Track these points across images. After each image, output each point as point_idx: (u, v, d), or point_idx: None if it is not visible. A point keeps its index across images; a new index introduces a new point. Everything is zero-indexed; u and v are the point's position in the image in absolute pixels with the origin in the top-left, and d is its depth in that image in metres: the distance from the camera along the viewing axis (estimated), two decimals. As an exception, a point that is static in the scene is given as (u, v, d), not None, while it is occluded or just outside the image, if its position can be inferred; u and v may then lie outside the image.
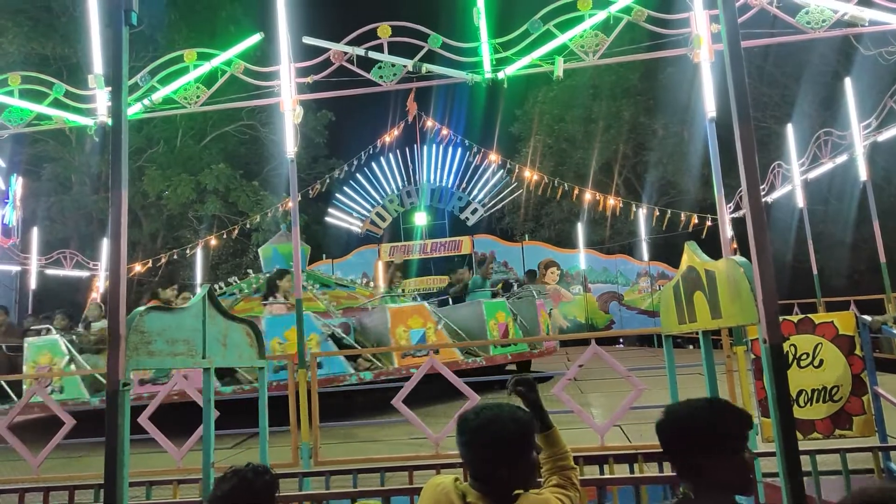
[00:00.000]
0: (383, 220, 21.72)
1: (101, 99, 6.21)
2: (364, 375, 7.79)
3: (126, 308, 2.81)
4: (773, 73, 19.45)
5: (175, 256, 19.51)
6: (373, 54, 5.87)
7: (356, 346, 8.33)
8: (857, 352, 4.34)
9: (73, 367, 8.31)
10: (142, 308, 3.00)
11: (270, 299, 8.73)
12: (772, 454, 4.27)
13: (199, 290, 4.06)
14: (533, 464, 2.16)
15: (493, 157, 20.97)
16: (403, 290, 12.81)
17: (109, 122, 6.12)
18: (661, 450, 2.18)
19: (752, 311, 2.29)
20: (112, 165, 2.83)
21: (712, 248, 3.80)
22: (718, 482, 1.93)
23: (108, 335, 2.73)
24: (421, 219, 21.85)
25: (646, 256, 19.59)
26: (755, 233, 2.27)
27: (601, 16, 5.62)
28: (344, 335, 8.44)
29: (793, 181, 12.29)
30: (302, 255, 11.31)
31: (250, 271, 12.42)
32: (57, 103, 6.43)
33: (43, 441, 5.79)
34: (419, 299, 10.41)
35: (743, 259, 2.45)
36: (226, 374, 7.86)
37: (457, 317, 9.24)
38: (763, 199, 3.07)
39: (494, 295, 10.52)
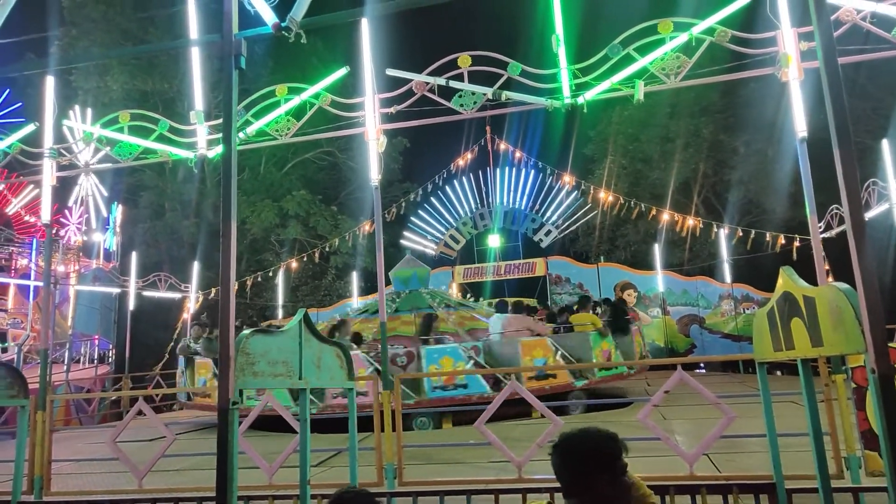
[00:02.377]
0: (457, 242, 21.93)
1: (201, 133, 6.64)
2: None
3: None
4: (865, 85, 18.54)
5: (259, 279, 20.35)
6: (454, 83, 6.02)
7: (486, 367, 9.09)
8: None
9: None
10: (248, 331, 3.19)
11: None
12: (882, 489, 4.06)
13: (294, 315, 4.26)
14: (624, 488, 2.20)
15: (567, 179, 20.86)
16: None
17: (209, 154, 6.54)
18: (756, 481, 2.20)
19: (858, 340, 2.23)
20: (223, 199, 3.06)
21: (803, 270, 3.66)
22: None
23: (220, 357, 2.94)
24: (494, 241, 21.93)
25: (728, 278, 18.87)
26: (859, 259, 2.22)
27: (682, 38, 5.58)
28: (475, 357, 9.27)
29: (890, 199, 11.63)
30: (420, 277, 12.87)
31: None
32: (160, 137, 6.92)
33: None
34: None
35: (846, 286, 2.38)
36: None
37: (567, 345, 9.77)
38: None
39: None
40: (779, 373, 14.24)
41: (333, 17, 3.51)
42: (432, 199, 22.03)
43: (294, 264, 21.72)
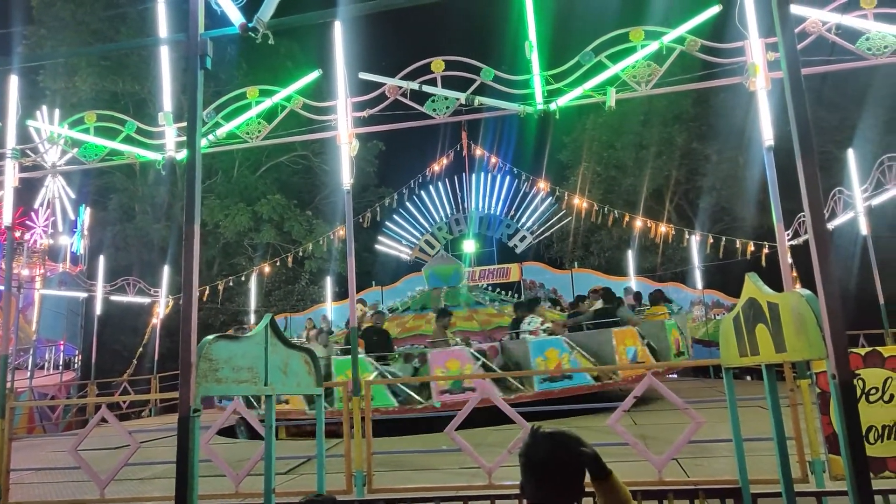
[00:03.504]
0: (432, 247, 21.88)
1: (170, 135, 6.53)
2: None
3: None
4: (831, 96, 18.94)
5: (231, 283, 20.06)
6: (427, 88, 6.01)
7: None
8: (931, 387, 4.15)
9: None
10: (211, 337, 3.11)
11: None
12: (843, 493, 4.11)
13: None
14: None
15: (542, 185, 20.98)
16: None
17: (177, 157, 6.43)
18: (722, 485, 2.15)
19: (820, 346, 2.24)
20: (186, 201, 2.99)
21: (771, 276, 3.70)
22: None
23: (181, 363, 2.87)
24: (469, 246, 21.94)
25: (699, 284, 19.11)
26: (821, 267, 2.24)
27: (653, 46, 5.64)
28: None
29: (855, 208, 11.87)
30: (456, 274, 13.42)
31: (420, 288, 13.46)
32: (127, 139, 6.79)
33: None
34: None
35: (808, 292, 2.40)
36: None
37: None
38: (826, 230, 3.00)
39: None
40: (748, 378, 14.43)
41: (302, 19, 3.46)
42: (407, 203, 21.97)
43: (267, 269, 21.47)
